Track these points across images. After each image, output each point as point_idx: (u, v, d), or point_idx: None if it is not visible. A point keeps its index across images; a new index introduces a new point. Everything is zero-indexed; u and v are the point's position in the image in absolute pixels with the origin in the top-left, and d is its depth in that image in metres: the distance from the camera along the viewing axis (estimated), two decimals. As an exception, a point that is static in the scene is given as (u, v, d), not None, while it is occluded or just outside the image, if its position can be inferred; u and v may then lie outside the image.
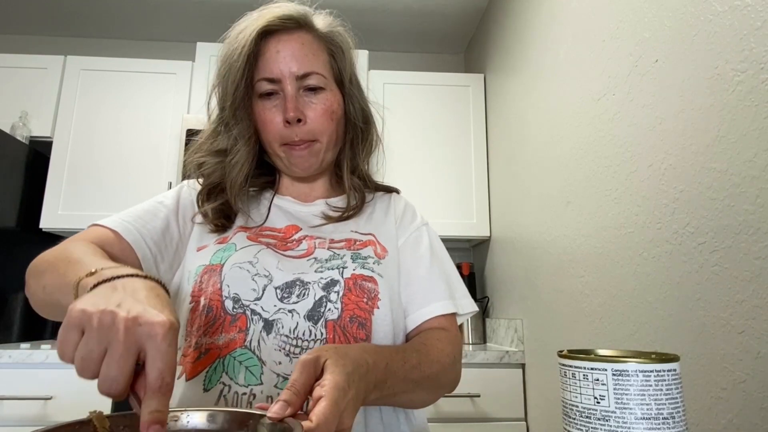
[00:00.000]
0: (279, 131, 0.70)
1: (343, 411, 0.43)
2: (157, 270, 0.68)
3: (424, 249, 0.76)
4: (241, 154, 0.71)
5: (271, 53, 0.69)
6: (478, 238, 2.15)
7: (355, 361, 0.49)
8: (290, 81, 0.69)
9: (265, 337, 0.61)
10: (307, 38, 0.71)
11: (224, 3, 2.28)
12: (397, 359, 0.57)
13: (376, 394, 0.53)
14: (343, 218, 0.75)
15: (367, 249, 0.71)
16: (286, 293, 0.64)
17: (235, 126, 0.70)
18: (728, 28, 0.82)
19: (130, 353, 0.36)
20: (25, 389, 1.57)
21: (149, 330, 0.36)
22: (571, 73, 1.39)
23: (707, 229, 0.85)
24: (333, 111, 0.72)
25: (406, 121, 2.17)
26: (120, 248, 0.64)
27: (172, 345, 0.37)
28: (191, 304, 0.65)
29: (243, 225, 0.74)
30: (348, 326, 0.63)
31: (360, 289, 0.65)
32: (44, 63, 2.13)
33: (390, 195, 0.84)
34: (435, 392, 0.65)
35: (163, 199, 0.74)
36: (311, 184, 0.80)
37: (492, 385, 1.69)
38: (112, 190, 2.03)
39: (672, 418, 0.37)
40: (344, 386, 0.44)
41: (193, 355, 0.62)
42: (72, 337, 0.37)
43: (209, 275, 0.65)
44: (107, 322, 0.36)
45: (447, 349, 0.66)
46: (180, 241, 0.72)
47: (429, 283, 0.72)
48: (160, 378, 0.36)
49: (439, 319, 0.70)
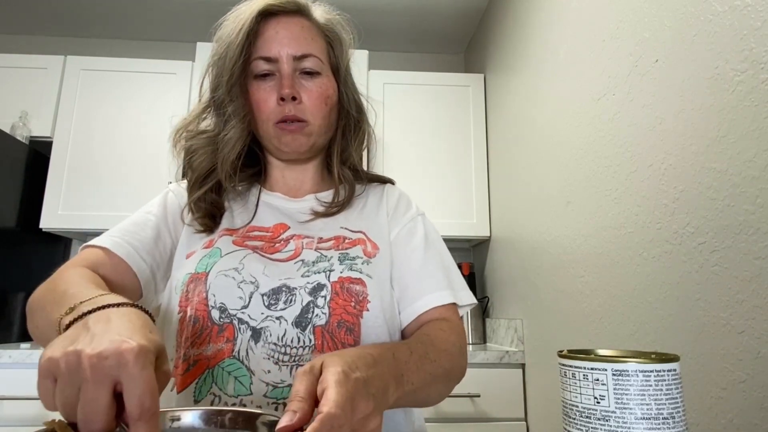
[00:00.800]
0: (273, 109, 0.69)
1: (354, 395, 0.40)
2: (154, 279, 0.68)
3: (418, 240, 0.74)
4: (235, 131, 0.70)
5: (270, 33, 0.69)
6: (478, 238, 2.15)
7: (356, 354, 0.47)
8: (287, 61, 0.69)
9: (253, 346, 0.60)
10: (306, 23, 0.72)
11: (224, 3, 2.27)
12: (402, 350, 0.55)
13: (399, 391, 0.50)
14: (332, 213, 0.74)
15: (355, 248, 0.69)
16: (273, 300, 0.63)
17: (230, 104, 0.70)
18: (728, 28, 0.82)
19: (101, 390, 0.35)
20: (25, 389, 1.57)
21: (117, 360, 0.35)
22: (571, 73, 1.39)
23: (707, 229, 0.85)
24: (328, 96, 0.72)
25: (405, 121, 2.17)
26: (112, 265, 0.64)
27: (146, 368, 0.36)
28: (179, 315, 0.64)
29: (228, 227, 0.72)
30: (336, 331, 0.62)
31: (347, 293, 0.64)
32: (44, 63, 2.13)
33: (384, 186, 0.82)
34: (448, 384, 0.63)
35: (150, 208, 0.73)
36: (301, 175, 0.78)
37: (492, 385, 1.68)
38: (112, 190, 2.03)
39: (672, 418, 0.37)
40: (345, 370, 0.42)
41: (182, 367, 0.61)
42: (47, 387, 0.36)
43: (195, 284, 0.64)
44: (74, 364, 0.35)
45: (451, 338, 0.63)
46: (173, 246, 0.71)
47: (424, 273, 0.70)
48: (139, 405, 0.35)
49: (438, 310, 0.68)
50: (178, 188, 0.78)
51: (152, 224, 0.70)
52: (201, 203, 0.72)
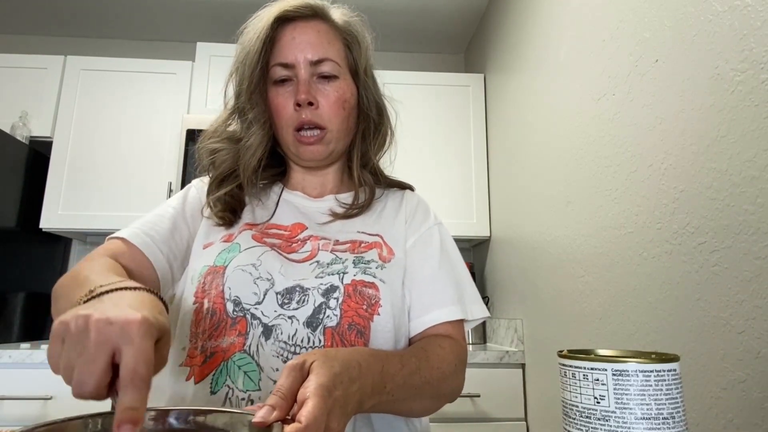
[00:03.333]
0: (290, 116, 0.70)
1: (329, 411, 0.42)
2: (170, 269, 0.69)
3: (433, 250, 0.73)
4: (255, 137, 0.71)
5: (286, 39, 0.70)
6: (478, 238, 2.15)
7: (345, 362, 0.48)
8: (304, 66, 0.69)
9: (263, 342, 0.61)
10: (323, 27, 0.72)
11: (224, 3, 2.28)
12: (394, 363, 0.55)
13: (375, 400, 0.52)
14: (351, 215, 0.74)
15: (371, 252, 0.70)
16: (287, 299, 0.63)
17: (251, 111, 0.71)
18: (728, 28, 0.82)
19: (100, 352, 0.36)
20: (25, 389, 1.57)
21: (120, 327, 0.36)
22: (571, 73, 1.39)
23: (707, 229, 0.85)
24: (345, 100, 0.72)
25: (405, 121, 2.17)
26: (131, 255, 0.65)
27: (146, 338, 0.36)
28: (195, 305, 0.65)
29: (249, 221, 0.73)
30: (346, 333, 0.62)
31: (360, 296, 0.64)
32: (44, 63, 2.13)
33: (403, 192, 0.82)
34: (436, 401, 0.63)
35: (171, 201, 0.75)
36: (322, 178, 0.78)
37: (492, 385, 1.68)
38: (112, 190, 2.03)
39: (672, 418, 0.37)
40: (329, 386, 0.43)
41: (200, 358, 0.62)
42: (55, 348, 0.37)
43: (212, 277, 0.65)
44: (81, 326, 0.37)
45: (449, 358, 0.63)
46: (190, 238, 0.72)
47: (435, 286, 0.70)
48: (133, 371, 0.35)
49: (444, 326, 0.67)
50: (201, 183, 0.79)
51: (170, 216, 0.72)
52: (220, 201, 0.72)
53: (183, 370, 0.62)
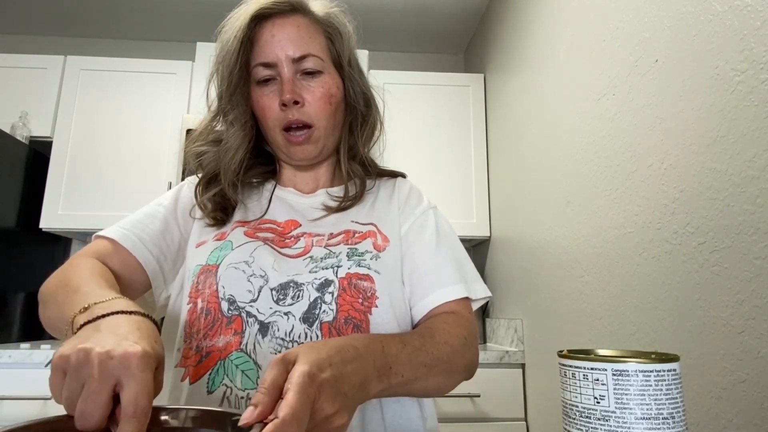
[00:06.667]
0: (277, 116, 0.69)
1: (318, 396, 0.41)
2: (161, 270, 0.68)
3: (430, 233, 0.72)
4: (234, 139, 0.70)
5: (266, 37, 0.68)
6: (478, 238, 2.15)
7: (336, 347, 0.47)
8: (286, 64, 0.68)
9: (260, 340, 0.60)
10: (303, 21, 0.70)
11: (224, 3, 2.27)
12: (395, 342, 0.54)
13: (384, 383, 0.50)
14: (344, 208, 0.73)
15: (365, 242, 0.69)
16: (282, 295, 0.63)
17: (231, 112, 0.69)
18: (728, 28, 0.82)
19: (104, 386, 0.37)
20: (25, 389, 1.57)
21: (122, 361, 0.37)
22: (571, 73, 1.39)
23: (707, 229, 0.85)
24: (332, 95, 0.71)
25: (405, 121, 2.17)
26: (120, 257, 0.65)
27: (146, 371, 0.38)
28: (189, 306, 0.64)
29: (241, 219, 0.72)
30: (343, 328, 0.61)
31: (355, 289, 0.63)
32: (44, 63, 2.13)
33: (395, 180, 0.81)
34: (450, 377, 0.61)
35: (162, 201, 0.74)
36: (314, 173, 0.78)
37: (492, 385, 1.69)
38: (112, 190, 2.03)
39: (672, 418, 0.37)
40: (312, 371, 0.41)
41: (195, 358, 0.61)
42: (57, 381, 0.38)
43: (205, 276, 0.64)
44: (82, 359, 0.37)
45: (455, 331, 0.62)
46: (182, 238, 0.71)
47: (435, 267, 0.68)
48: (135, 404, 0.36)
49: (449, 305, 0.66)
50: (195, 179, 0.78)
51: (161, 216, 0.71)
52: (210, 202, 0.72)
53: (178, 372, 0.62)
